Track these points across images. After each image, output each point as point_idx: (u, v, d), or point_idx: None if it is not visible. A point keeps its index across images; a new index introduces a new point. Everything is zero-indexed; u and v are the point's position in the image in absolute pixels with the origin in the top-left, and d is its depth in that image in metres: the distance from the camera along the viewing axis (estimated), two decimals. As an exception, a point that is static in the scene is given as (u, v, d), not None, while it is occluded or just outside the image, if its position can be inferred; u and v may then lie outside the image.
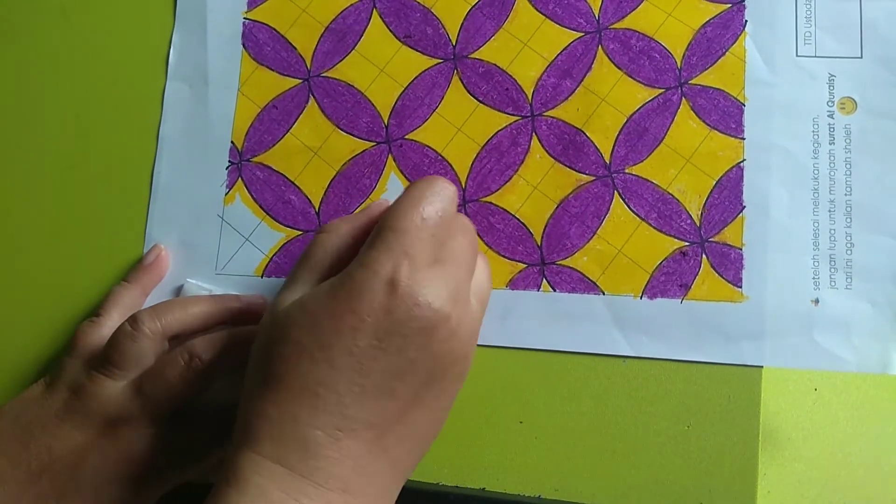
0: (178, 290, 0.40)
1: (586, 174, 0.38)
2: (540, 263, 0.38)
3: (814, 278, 0.36)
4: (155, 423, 0.34)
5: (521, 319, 0.37)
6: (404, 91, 0.40)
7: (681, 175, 0.37)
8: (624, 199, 0.37)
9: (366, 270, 0.28)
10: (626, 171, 0.38)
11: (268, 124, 0.41)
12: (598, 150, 0.38)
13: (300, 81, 0.41)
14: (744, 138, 0.37)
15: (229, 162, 0.40)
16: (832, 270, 0.36)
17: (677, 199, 0.37)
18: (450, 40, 0.40)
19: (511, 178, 0.38)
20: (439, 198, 0.31)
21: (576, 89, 0.39)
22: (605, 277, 0.37)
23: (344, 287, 0.29)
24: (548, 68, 0.39)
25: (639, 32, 0.39)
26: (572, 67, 0.39)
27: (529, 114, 0.39)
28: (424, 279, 0.29)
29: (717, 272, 0.36)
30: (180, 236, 0.40)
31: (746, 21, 0.38)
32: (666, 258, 0.37)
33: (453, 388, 0.31)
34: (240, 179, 0.40)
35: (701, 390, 0.36)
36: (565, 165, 0.38)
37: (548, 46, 0.39)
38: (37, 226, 0.41)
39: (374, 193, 0.39)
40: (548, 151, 0.38)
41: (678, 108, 0.38)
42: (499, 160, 0.39)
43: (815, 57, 0.38)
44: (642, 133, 0.38)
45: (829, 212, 0.36)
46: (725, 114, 0.37)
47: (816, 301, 0.36)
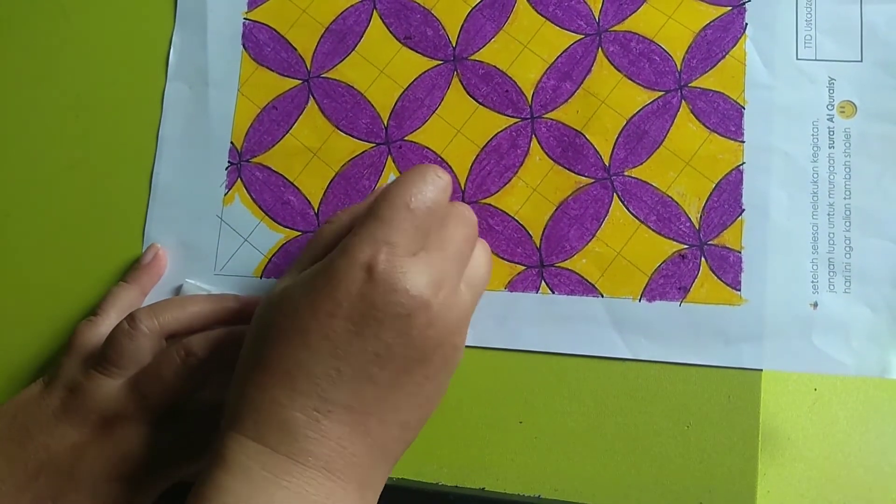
0: (176, 290, 0.40)
1: (586, 176, 0.38)
2: (539, 265, 0.37)
3: (813, 282, 0.36)
4: (151, 421, 0.34)
5: (520, 321, 0.37)
6: (404, 92, 0.40)
7: (680, 178, 0.37)
8: (623, 202, 0.37)
9: (345, 257, 0.29)
10: (626, 173, 0.38)
11: (267, 125, 0.41)
12: (598, 152, 0.38)
13: (300, 82, 0.41)
14: (743, 141, 0.37)
15: (229, 162, 0.40)
16: (831, 274, 0.36)
17: (676, 202, 0.37)
18: (450, 42, 0.40)
19: (510, 180, 0.38)
20: (430, 187, 0.31)
21: (576, 91, 0.39)
22: (604, 280, 0.37)
23: (324, 273, 0.29)
24: (548, 70, 0.39)
25: (639, 35, 0.39)
26: (572, 70, 0.39)
27: (529, 116, 0.39)
28: (404, 266, 0.29)
29: (716, 275, 0.36)
30: (179, 236, 0.40)
31: (747, 24, 0.38)
32: (665, 261, 0.37)
33: (439, 375, 0.31)
34: (239, 180, 0.40)
35: (701, 390, 0.36)
36: (565, 168, 0.38)
37: (548, 48, 0.39)
38: (35, 225, 0.41)
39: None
40: (547, 153, 0.38)
41: (678, 110, 0.38)
42: (498, 162, 0.39)
43: (815, 60, 0.37)
44: (642, 136, 0.38)
45: (829, 215, 0.36)
46: (725, 117, 0.37)
47: (815, 304, 0.36)
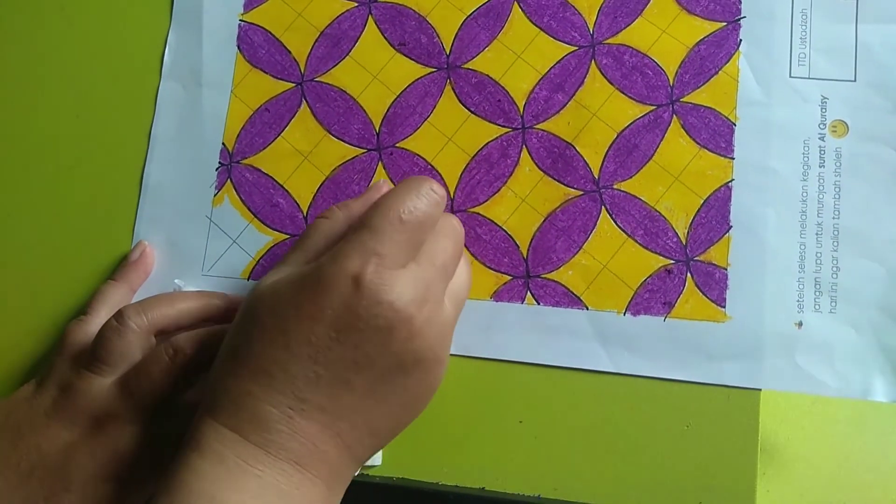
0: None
1: (574, 188, 0.38)
2: (525, 276, 0.37)
3: (798, 301, 0.36)
4: (141, 420, 0.34)
5: (505, 332, 0.37)
6: (396, 99, 0.40)
7: (669, 193, 0.37)
8: (611, 215, 0.37)
9: (334, 265, 0.29)
10: (615, 186, 0.38)
11: (259, 127, 0.41)
12: (588, 164, 0.38)
13: (293, 85, 0.41)
14: (733, 158, 0.37)
15: (219, 163, 0.41)
16: (817, 294, 0.36)
17: (664, 217, 0.37)
18: (444, 49, 0.40)
19: (499, 190, 0.38)
20: (424, 200, 0.31)
21: (567, 103, 0.38)
22: (590, 292, 0.37)
23: (312, 278, 0.30)
24: (540, 81, 0.39)
25: (632, 48, 0.38)
26: (565, 81, 0.39)
27: (520, 126, 0.39)
28: (391, 279, 0.29)
29: (702, 291, 0.36)
30: (168, 236, 0.40)
31: (741, 40, 0.38)
32: (651, 275, 0.37)
33: (417, 387, 0.31)
34: (229, 181, 0.40)
35: (700, 390, 0.36)
36: (554, 179, 0.38)
37: (541, 59, 0.39)
38: (25, 224, 0.41)
39: (363, 200, 0.39)
40: (537, 164, 0.38)
41: (669, 125, 0.38)
42: (488, 171, 0.39)
43: (808, 78, 0.37)
44: (632, 149, 0.38)
45: (817, 235, 0.36)
46: (716, 133, 0.37)
47: (800, 324, 0.36)
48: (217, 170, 0.41)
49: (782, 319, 0.36)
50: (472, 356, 0.37)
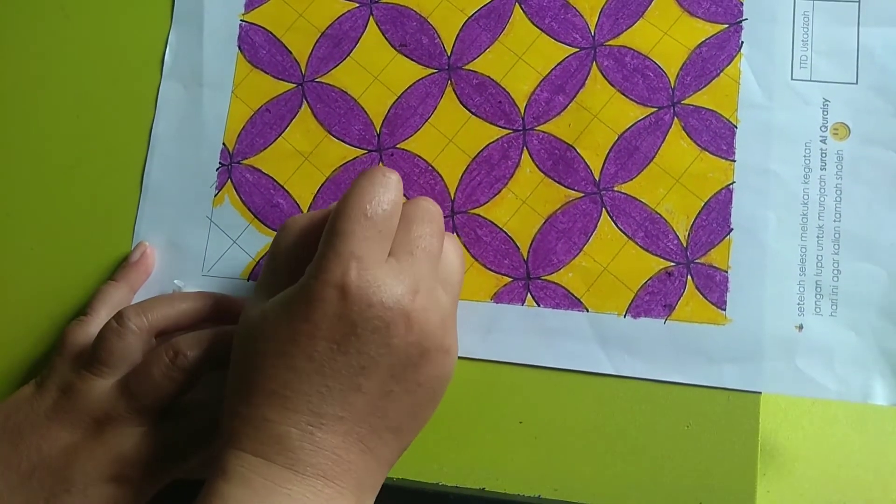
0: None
1: (575, 190, 0.38)
2: (525, 278, 0.37)
3: (799, 304, 0.36)
4: (142, 421, 0.34)
5: (505, 333, 0.37)
6: (397, 100, 0.40)
7: (669, 195, 0.37)
8: (611, 217, 0.37)
9: (316, 280, 0.29)
10: (615, 188, 0.38)
11: (260, 127, 0.41)
12: (588, 166, 0.38)
13: (294, 86, 0.41)
14: (734, 160, 0.37)
15: (219, 163, 0.41)
16: (818, 297, 0.36)
17: (665, 219, 0.37)
18: (445, 51, 0.40)
19: (500, 192, 0.38)
20: (382, 190, 0.31)
21: (568, 105, 0.38)
22: (590, 294, 0.37)
23: (298, 298, 0.29)
24: (541, 83, 0.39)
25: (633, 50, 0.38)
26: (566, 83, 0.39)
27: (521, 127, 0.39)
28: (376, 279, 0.29)
29: (702, 294, 0.36)
30: (169, 236, 0.40)
31: (742, 42, 0.38)
32: (651, 278, 0.37)
33: (429, 380, 0.31)
34: (229, 181, 0.40)
35: (701, 390, 0.36)
36: (554, 181, 0.38)
37: (542, 61, 0.39)
38: (25, 224, 0.41)
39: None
40: (538, 166, 0.38)
41: (670, 127, 0.38)
42: (489, 173, 0.39)
43: (810, 81, 0.37)
44: (633, 151, 0.38)
45: (818, 238, 0.36)
46: (717, 135, 0.37)
47: (800, 327, 0.36)
48: (217, 170, 0.40)
49: (783, 322, 0.36)
50: (473, 357, 0.37)
